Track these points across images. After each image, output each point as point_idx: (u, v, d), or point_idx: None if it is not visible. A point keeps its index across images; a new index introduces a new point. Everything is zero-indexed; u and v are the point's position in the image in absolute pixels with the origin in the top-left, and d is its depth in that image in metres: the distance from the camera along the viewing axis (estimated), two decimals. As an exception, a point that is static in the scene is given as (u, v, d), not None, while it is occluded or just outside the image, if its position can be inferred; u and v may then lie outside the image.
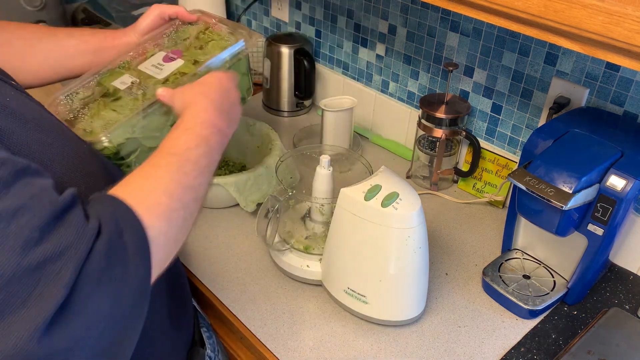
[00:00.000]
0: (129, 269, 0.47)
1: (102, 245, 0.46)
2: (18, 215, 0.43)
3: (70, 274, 0.43)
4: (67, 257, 0.44)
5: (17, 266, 0.42)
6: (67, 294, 0.43)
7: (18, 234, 0.43)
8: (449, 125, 1.10)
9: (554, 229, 0.83)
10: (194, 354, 0.83)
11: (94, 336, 0.45)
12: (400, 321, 0.87)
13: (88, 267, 0.44)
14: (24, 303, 0.41)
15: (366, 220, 0.81)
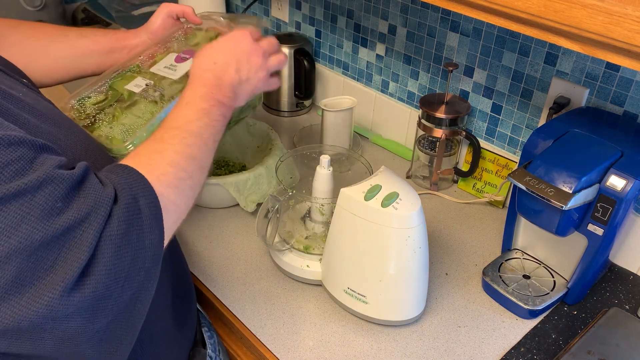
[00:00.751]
0: (144, 233, 0.51)
1: (119, 211, 0.50)
2: (42, 187, 0.47)
3: (92, 238, 0.47)
4: (88, 222, 0.48)
5: (45, 234, 0.45)
6: (89, 256, 0.47)
7: (43, 204, 0.46)
8: (449, 125, 1.10)
9: (554, 229, 0.83)
10: (195, 354, 0.83)
11: (115, 293, 0.49)
12: (400, 321, 0.87)
13: (108, 230, 0.49)
14: (52, 267, 0.46)
15: (366, 220, 0.81)
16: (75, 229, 0.47)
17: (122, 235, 0.49)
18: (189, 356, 0.83)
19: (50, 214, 0.46)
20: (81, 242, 0.47)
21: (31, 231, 0.45)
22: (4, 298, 0.45)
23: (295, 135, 1.34)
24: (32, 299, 0.45)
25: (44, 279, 0.46)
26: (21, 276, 0.45)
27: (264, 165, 1.08)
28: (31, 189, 0.46)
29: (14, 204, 0.46)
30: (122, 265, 0.49)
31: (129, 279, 0.50)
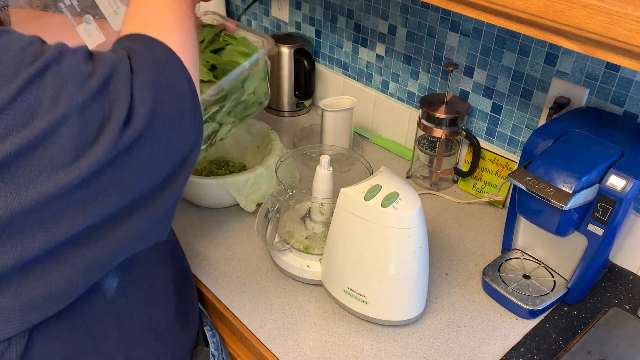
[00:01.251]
0: (169, 73, 0.55)
1: (138, 63, 0.53)
2: (63, 57, 0.50)
3: (125, 91, 0.51)
4: (116, 78, 0.51)
5: (83, 97, 0.48)
6: (129, 104, 0.50)
7: (71, 71, 0.49)
8: (449, 125, 1.10)
9: (554, 229, 0.83)
10: (198, 352, 0.84)
11: (165, 132, 0.53)
12: (400, 321, 0.87)
13: (136, 81, 0.52)
14: (100, 126, 0.49)
15: (366, 220, 0.81)
16: (107, 85, 0.50)
17: (150, 81, 0.52)
18: (192, 354, 0.83)
19: (82, 78, 0.49)
20: (117, 96, 0.50)
21: (72, 96, 0.48)
22: (66, 163, 0.48)
23: (295, 135, 1.34)
24: (90, 156, 0.48)
25: (98, 137, 0.49)
26: (77, 139, 0.48)
27: (264, 165, 1.08)
28: (55, 61, 0.49)
29: (47, 77, 0.48)
30: (163, 107, 0.53)
31: (177, 122, 0.54)
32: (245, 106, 0.95)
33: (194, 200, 1.12)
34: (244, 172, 1.07)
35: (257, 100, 0.97)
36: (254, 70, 0.91)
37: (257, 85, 0.94)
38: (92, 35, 0.83)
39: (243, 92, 0.92)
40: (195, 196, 1.11)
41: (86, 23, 0.82)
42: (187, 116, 0.55)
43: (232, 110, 0.93)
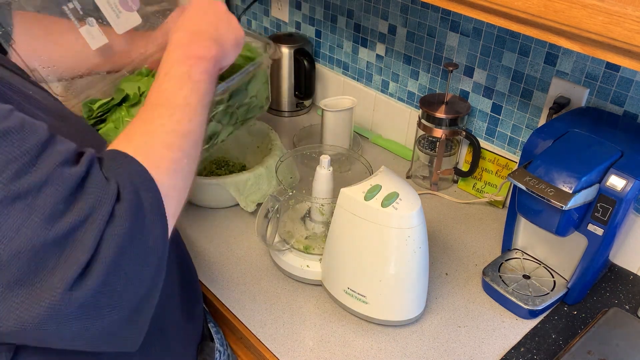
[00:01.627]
0: (147, 229, 0.50)
1: (122, 209, 0.49)
2: (44, 188, 0.46)
3: (93, 239, 0.46)
4: (90, 222, 0.47)
5: (46, 237, 0.45)
6: (90, 256, 0.46)
7: (45, 206, 0.45)
8: (449, 125, 1.10)
9: (554, 229, 0.83)
10: (204, 347, 0.84)
11: (118, 291, 0.48)
12: (400, 321, 0.87)
13: (110, 230, 0.47)
14: (53, 269, 0.45)
15: (366, 220, 0.81)
16: (77, 230, 0.46)
17: (124, 233, 0.48)
18: (197, 349, 0.84)
19: (52, 217, 0.45)
20: (82, 243, 0.46)
21: (32, 235, 0.45)
22: (6, 300, 0.45)
23: (295, 135, 1.34)
24: (34, 301, 0.45)
25: (46, 281, 0.45)
26: (23, 278, 0.45)
27: (264, 165, 1.08)
28: (34, 190, 0.45)
29: (16, 207, 0.45)
30: (125, 263, 0.49)
31: (135, 277, 0.50)
32: (247, 109, 0.96)
33: (194, 200, 1.12)
34: (244, 172, 1.07)
35: (258, 104, 0.98)
36: (257, 74, 0.91)
37: (259, 88, 0.95)
38: (95, 37, 0.83)
39: (246, 94, 0.93)
40: (195, 196, 1.11)
41: (89, 25, 0.82)
42: (148, 269, 0.51)
43: (235, 112, 0.94)
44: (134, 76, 0.89)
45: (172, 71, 0.63)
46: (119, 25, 0.85)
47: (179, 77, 0.62)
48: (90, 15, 0.82)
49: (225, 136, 0.95)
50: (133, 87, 0.86)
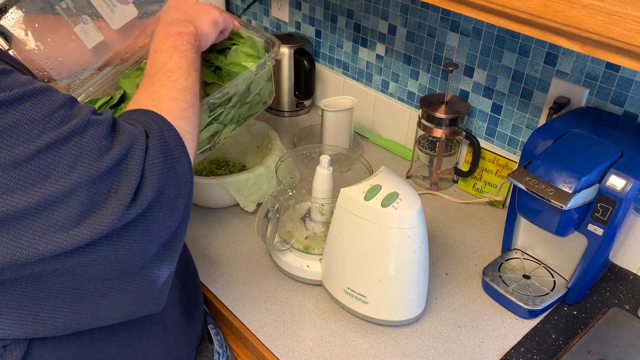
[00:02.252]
0: (176, 161, 0.59)
1: (154, 143, 0.57)
2: (87, 129, 0.53)
3: (137, 168, 0.54)
4: (131, 156, 0.55)
5: (98, 169, 0.52)
6: (137, 184, 0.54)
7: (92, 143, 0.53)
8: (449, 125, 1.10)
9: (554, 229, 0.83)
10: (203, 349, 0.84)
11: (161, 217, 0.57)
12: (400, 321, 0.87)
13: (148, 160, 0.56)
14: (107, 197, 0.52)
15: (366, 220, 0.81)
16: (122, 162, 0.54)
17: (161, 163, 0.56)
18: (197, 351, 0.84)
19: (100, 151, 0.53)
20: (128, 173, 0.54)
21: (87, 167, 0.51)
22: (68, 229, 0.50)
23: (295, 135, 1.34)
24: (93, 226, 0.51)
25: (102, 209, 0.52)
26: (83, 208, 0.51)
27: (264, 165, 1.08)
28: (79, 131, 0.52)
29: (68, 145, 0.51)
30: (165, 188, 0.56)
31: (172, 205, 0.57)
32: (249, 107, 0.95)
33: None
34: (244, 172, 1.07)
35: (261, 100, 0.97)
36: (260, 73, 0.91)
37: (262, 86, 0.95)
38: (90, 35, 0.83)
39: (249, 93, 0.93)
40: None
41: (83, 24, 0.82)
42: (181, 200, 0.59)
43: (237, 111, 0.93)
44: (133, 71, 0.88)
45: (159, 48, 0.71)
46: (115, 20, 0.84)
47: (167, 50, 0.71)
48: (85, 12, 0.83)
49: (227, 134, 0.95)
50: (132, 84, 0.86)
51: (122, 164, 0.54)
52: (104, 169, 0.52)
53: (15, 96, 0.50)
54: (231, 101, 0.89)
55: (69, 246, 0.51)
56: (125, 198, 0.53)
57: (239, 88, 0.88)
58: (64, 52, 0.84)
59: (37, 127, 0.50)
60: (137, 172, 0.54)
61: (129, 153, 0.54)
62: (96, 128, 0.54)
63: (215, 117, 0.89)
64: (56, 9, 0.81)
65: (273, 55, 0.91)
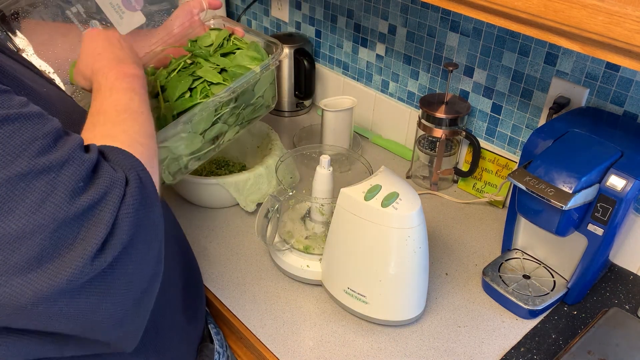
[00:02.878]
0: (150, 206, 0.56)
1: (131, 190, 0.53)
2: (66, 166, 0.50)
3: (110, 216, 0.50)
4: (105, 202, 0.51)
5: (68, 212, 0.48)
6: (107, 233, 0.50)
7: (67, 183, 0.49)
8: (449, 125, 1.10)
9: (554, 229, 0.83)
10: (203, 349, 0.85)
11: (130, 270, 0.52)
12: (400, 321, 0.87)
13: (123, 209, 0.52)
14: (72, 244, 0.48)
15: (366, 220, 0.81)
16: (95, 207, 0.50)
17: (134, 212, 0.52)
18: (197, 350, 0.84)
19: (73, 193, 0.49)
20: (100, 220, 0.50)
21: (55, 209, 0.47)
22: (25, 273, 0.46)
23: (295, 135, 1.34)
24: (53, 274, 0.47)
25: (65, 256, 0.48)
26: (44, 252, 0.47)
27: (264, 165, 1.08)
28: (56, 167, 0.49)
29: (40, 180, 0.48)
30: (137, 240, 0.52)
31: (144, 257, 0.54)
32: (253, 109, 0.96)
33: (194, 200, 1.12)
34: (244, 172, 1.07)
35: (265, 103, 0.99)
36: (264, 75, 0.92)
37: (265, 89, 0.95)
38: None
39: (253, 95, 0.93)
40: (195, 196, 1.11)
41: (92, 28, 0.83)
42: (153, 252, 0.55)
43: (241, 112, 0.94)
44: None
45: (115, 87, 0.69)
46: (123, 26, 0.85)
47: (125, 90, 0.68)
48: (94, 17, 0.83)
49: (231, 136, 0.96)
50: None
51: (94, 210, 0.50)
52: (74, 213, 0.48)
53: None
54: (236, 101, 0.90)
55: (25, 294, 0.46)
56: (92, 247, 0.48)
57: (243, 87, 0.89)
58: (73, 55, 0.85)
59: (12, 153, 0.47)
60: (109, 221, 0.50)
61: (103, 199, 0.50)
62: (76, 167, 0.50)
63: (219, 117, 0.89)
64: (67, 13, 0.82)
65: (276, 57, 0.92)
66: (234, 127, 0.95)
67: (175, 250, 0.81)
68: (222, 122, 0.91)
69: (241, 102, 0.92)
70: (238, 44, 0.93)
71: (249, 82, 0.89)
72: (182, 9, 0.91)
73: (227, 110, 0.90)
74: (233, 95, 0.87)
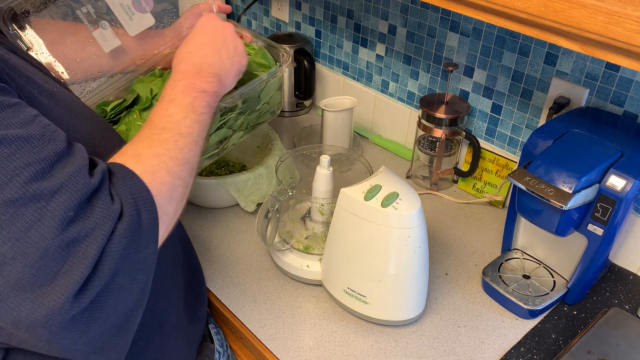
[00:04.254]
0: (141, 249, 0.52)
1: (122, 228, 0.50)
2: (57, 195, 0.48)
3: (95, 253, 0.48)
4: (93, 237, 0.48)
5: (51, 242, 0.46)
6: (90, 270, 0.48)
7: (56, 212, 0.47)
8: (448, 125, 1.10)
9: (554, 229, 0.83)
10: (204, 349, 0.85)
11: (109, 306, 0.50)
12: (400, 321, 0.87)
13: (110, 247, 0.49)
14: (54, 277, 0.46)
15: (366, 220, 0.81)
16: (81, 242, 0.48)
17: (121, 251, 0.50)
18: (197, 350, 0.84)
19: (62, 223, 0.47)
20: (85, 256, 0.48)
21: (41, 238, 0.46)
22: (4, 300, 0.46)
23: (295, 135, 1.34)
24: (34, 305, 0.46)
25: (45, 288, 0.46)
26: (23, 280, 0.46)
27: (264, 165, 1.08)
28: (47, 195, 0.47)
29: (29, 208, 0.46)
30: (119, 279, 0.50)
31: (125, 293, 0.51)
32: (258, 115, 0.97)
33: (194, 200, 1.12)
34: (244, 172, 1.07)
35: (270, 109, 0.99)
36: (271, 82, 0.92)
37: (272, 95, 0.96)
38: (107, 40, 0.85)
39: (259, 101, 0.94)
40: (195, 196, 1.11)
41: (102, 29, 0.84)
42: (137, 285, 0.53)
43: (246, 118, 0.94)
44: (147, 77, 0.90)
45: (177, 99, 0.65)
46: (132, 27, 0.86)
47: (184, 106, 0.65)
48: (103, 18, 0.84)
49: (236, 140, 0.96)
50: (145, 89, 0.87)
51: (80, 244, 0.48)
52: (58, 244, 0.46)
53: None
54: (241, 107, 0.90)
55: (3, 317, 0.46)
56: (74, 285, 0.47)
57: (250, 94, 0.89)
58: (82, 55, 0.85)
59: (4, 177, 0.46)
60: (94, 258, 0.48)
61: (91, 233, 0.48)
62: (68, 196, 0.48)
63: (225, 122, 0.90)
64: (77, 13, 0.83)
65: (284, 64, 0.92)
66: (238, 132, 0.96)
67: (179, 249, 0.81)
68: (227, 127, 0.91)
69: (247, 108, 0.92)
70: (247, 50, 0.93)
71: (255, 89, 0.89)
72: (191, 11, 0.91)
73: (232, 115, 0.90)
74: (239, 101, 0.88)
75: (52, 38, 0.84)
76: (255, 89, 0.89)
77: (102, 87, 0.87)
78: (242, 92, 0.87)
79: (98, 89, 0.87)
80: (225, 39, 0.76)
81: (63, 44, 0.84)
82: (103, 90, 0.87)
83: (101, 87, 0.87)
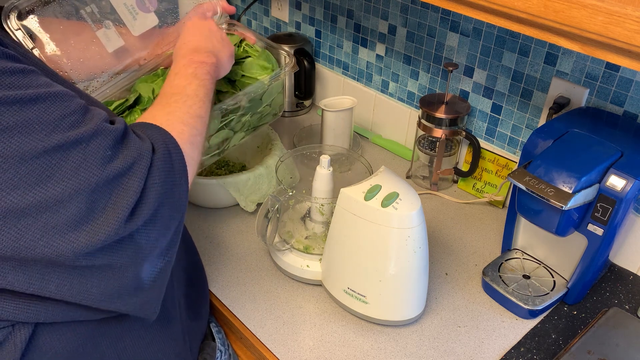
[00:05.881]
0: (177, 183, 0.59)
1: (158, 162, 0.58)
2: (94, 137, 0.54)
3: (138, 184, 0.55)
4: (134, 170, 0.55)
5: (99, 178, 0.53)
6: (136, 200, 0.54)
7: (97, 152, 0.54)
8: (448, 125, 1.10)
9: (554, 229, 0.83)
10: (205, 346, 0.85)
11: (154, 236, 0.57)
12: (400, 321, 0.87)
13: (150, 178, 0.56)
14: (104, 208, 0.53)
15: (366, 220, 0.81)
16: (124, 175, 0.54)
17: (161, 183, 0.57)
18: (200, 348, 0.84)
19: (103, 161, 0.54)
20: (129, 187, 0.54)
21: (89, 175, 0.52)
22: (64, 234, 0.51)
23: (295, 135, 1.34)
24: (90, 234, 0.52)
25: (99, 219, 0.53)
26: (81, 214, 0.52)
27: (264, 165, 1.08)
28: (86, 138, 0.54)
29: (74, 151, 0.52)
30: (162, 212, 0.57)
31: (165, 229, 0.58)
32: (260, 116, 0.97)
33: (194, 200, 1.12)
34: (244, 172, 1.07)
35: (272, 111, 0.99)
36: (273, 85, 0.92)
37: (274, 97, 0.96)
38: (111, 40, 0.86)
39: (260, 103, 0.94)
40: (195, 196, 1.11)
41: (105, 28, 0.85)
42: (174, 222, 0.60)
43: (248, 120, 0.94)
44: (149, 76, 0.90)
45: (181, 72, 0.74)
46: (136, 27, 0.86)
47: (187, 75, 0.73)
48: (107, 18, 0.85)
49: (237, 141, 0.96)
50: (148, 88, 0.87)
51: (123, 177, 0.54)
52: (104, 179, 0.53)
53: (29, 96, 0.52)
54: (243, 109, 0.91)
55: (65, 252, 0.51)
56: (124, 212, 0.53)
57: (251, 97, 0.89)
58: (85, 54, 0.86)
59: (47, 128, 0.52)
60: (138, 188, 0.55)
61: (132, 167, 0.55)
62: (103, 138, 0.55)
63: (226, 123, 0.90)
64: (81, 13, 0.83)
65: (287, 68, 0.93)
66: (239, 134, 0.96)
67: (181, 247, 0.81)
68: (228, 128, 0.91)
69: (249, 110, 0.92)
70: (249, 51, 0.93)
71: (258, 92, 0.89)
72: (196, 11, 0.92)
73: (234, 117, 0.90)
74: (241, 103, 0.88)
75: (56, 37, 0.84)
76: (257, 91, 0.89)
77: (105, 87, 0.87)
78: (244, 94, 0.87)
79: (101, 88, 0.87)
80: (211, 30, 0.85)
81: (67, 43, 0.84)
82: (106, 89, 0.87)
83: (104, 87, 0.87)
